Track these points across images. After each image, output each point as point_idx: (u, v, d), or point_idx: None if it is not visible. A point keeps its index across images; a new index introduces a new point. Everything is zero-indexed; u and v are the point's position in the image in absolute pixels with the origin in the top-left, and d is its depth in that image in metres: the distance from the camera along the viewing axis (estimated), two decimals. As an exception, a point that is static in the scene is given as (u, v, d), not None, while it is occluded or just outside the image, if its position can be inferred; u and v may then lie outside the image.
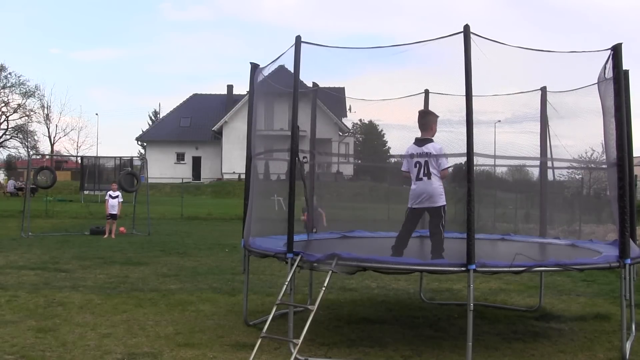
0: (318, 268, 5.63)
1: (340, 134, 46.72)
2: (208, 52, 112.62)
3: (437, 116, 6.48)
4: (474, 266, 5.06)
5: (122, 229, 18.49)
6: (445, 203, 6.18)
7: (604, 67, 5.89)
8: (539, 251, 7.29)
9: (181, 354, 5.51)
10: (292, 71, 5.63)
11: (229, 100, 55.42)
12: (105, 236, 16.97)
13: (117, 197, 17.65)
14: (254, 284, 8.60)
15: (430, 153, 6.13)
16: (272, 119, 36.01)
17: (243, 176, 8.63)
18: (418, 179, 6.20)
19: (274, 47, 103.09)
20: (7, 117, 59.60)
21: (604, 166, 8.11)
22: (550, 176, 8.36)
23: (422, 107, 8.16)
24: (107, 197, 17.84)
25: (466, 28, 5.07)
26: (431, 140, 6.26)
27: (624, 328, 5.61)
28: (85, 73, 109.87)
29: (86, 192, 29.74)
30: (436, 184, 6.13)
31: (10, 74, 58.98)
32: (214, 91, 61.96)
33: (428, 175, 6.13)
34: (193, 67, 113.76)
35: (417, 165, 6.20)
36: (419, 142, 6.31)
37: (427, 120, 6.37)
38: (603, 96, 6.11)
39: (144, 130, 61.72)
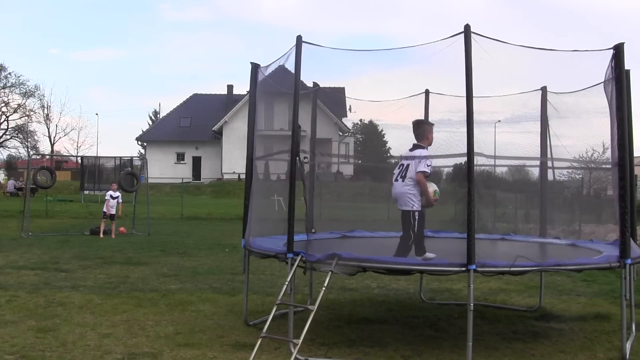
0: (318, 268, 5.63)
1: (340, 134, 46.74)
2: (208, 52, 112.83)
3: (432, 124, 6.53)
4: (474, 266, 5.06)
5: (122, 229, 18.49)
6: (416, 209, 6.17)
7: (610, 66, 5.87)
8: (539, 251, 7.29)
9: (181, 354, 5.51)
10: (293, 71, 5.63)
11: (229, 100, 55.40)
12: (102, 236, 16.95)
13: (117, 197, 17.66)
14: (254, 284, 8.60)
15: (415, 157, 6.20)
16: (272, 119, 36.04)
17: (243, 176, 8.63)
18: (395, 179, 6.31)
19: (273, 47, 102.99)
20: (7, 117, 59.60)
21: (604, 166, 8.10)
22: (550, 176, 8.35)
23: (422, 107, 8.17)
24: (107, 197, 17.82)
25: (467, 28, 5.07)
26: (422, 147, 6.34)
27: (624, 328, 5.61)
28: (85, 73, 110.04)
29: (86, 192, 29.71)
30: (407, 188, 6.17)
31: (10, 74, 58.99)
32: (214, 91, 62.06)
33: (403, 177, 6.22)
34: (193, 67, 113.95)
35: (400, 167, 6.33)
36: (412, 147, 6.44)
37: (422, 129, 6.46)
38: (609, 95, 6.10)
39: (144, 130, 61.72)
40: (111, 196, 17.56)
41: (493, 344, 6.05)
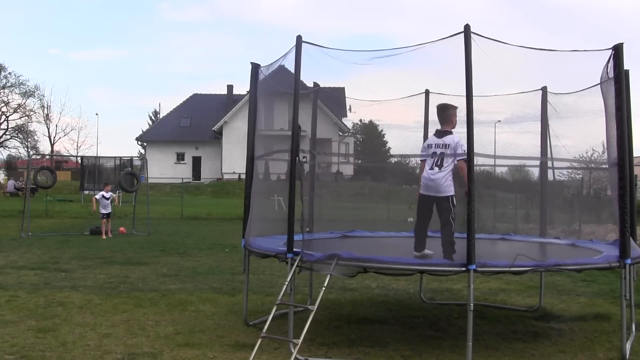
0: (318, 269, 5.63)
1: (340, 134, 46.73)
2: (208, 52, 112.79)
3: (456, 107, 6.42)
4: (474, 266, 5.06)
5: (122, 229, 18.49)
6: (453, 193, 6.13)
7: (606, 67, 5.89)
8: (539, 251, 7.29)
9: (181, 354, 5.51)
10: (293, 71, 5.63)
11: (229, 100, 55.38)
12: (104, 237, 16.97)
13: (109, 197, 17.71)
14: (254, 284, 8.60)
15: (448, 145, 6.14)
16: (272, 119, 36.02)
17: (243, 176, 8.63)
18: (431, 167, 6.23)
19: (273, 47, 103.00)
20: (7, 117, 59.56)
21: (604, 166, 8.09)
22: (550, 176, 8.36)
23: (422, 107, 8.18)
24: (98, 197, 17.77)
25: (467, 28, 5.07)
26: (450, 133, 6.27)
27: (624, 328, 5.61)
28: (85, 73, 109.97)
29: (86, 192, 29.73)
30: (445, 175, 6.13)
31: (10, 73, 58.95)
32: (214, 91, 61.99)
33: (440, 166, 6.17)
34: (193, 67, 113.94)
35: (434, 155, 6.25)
36: (439, 133, 6.34)
37: (447, 114, 6.38)
38: (605, 96, 6.11)
39: (144, 130, 61.70)
40: (104, 197, 17.54)
41: (493, 344, 6.06)
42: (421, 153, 6.45)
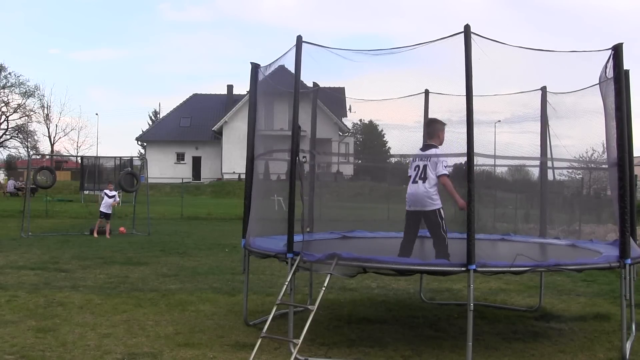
0: (318, 270, 5.63)
1: (340, 134, 46.72)
2: (208, 52, 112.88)
3: (444, 124, 6.46)
4: (474, 266, 5.06)
5: (122, 229, 18.49)
6: (440, 206, 6.17)
7: (605, 67, 5.89)
8: (539, 251, 7.29)
9: (181, 354, 5.51)
10: (293, 71, 5.64)
11: (229, 100, 55.39)
12: (96, 235, 16.95)
13: (113, 196, 17.64)
14: (254, 284, 8.60)
15: (429, 157, 6.16)
16: (272, 118, 36.03)
17: (243, 176, 8.63)
18: (414, 181, 6.27)
19: (273, 47, 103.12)
20: (7, 117, 59.56)
21: (604, 166, 8.10)
22: (550, 176, 8.36)
23: (422, 107, 8.18)
24: (102, 195, 17.79)
25: (467, 28, 5.07)
26: (435, 147, 6.32)
27: (624, 328, 5.61)
28: (84, 73, 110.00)
29: (86, 192, 29.75)
30: (428, 188, 6.14)
31: (10, 73, 58.96)
32: (214, 91, 61.98)
33: (423, 179, 6.18)
34: (193, 67, 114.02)
35: (417, 168, 6.28)
36: (424, 147, 6.43)
37: (433, 128, 6.44)
38: (604, 96, 6.11)
39: (144, 130, 61.69)
40: (107, 195, 17.52)
41: (493, 344, 6.06)
42: (408, 169, 6.47)
